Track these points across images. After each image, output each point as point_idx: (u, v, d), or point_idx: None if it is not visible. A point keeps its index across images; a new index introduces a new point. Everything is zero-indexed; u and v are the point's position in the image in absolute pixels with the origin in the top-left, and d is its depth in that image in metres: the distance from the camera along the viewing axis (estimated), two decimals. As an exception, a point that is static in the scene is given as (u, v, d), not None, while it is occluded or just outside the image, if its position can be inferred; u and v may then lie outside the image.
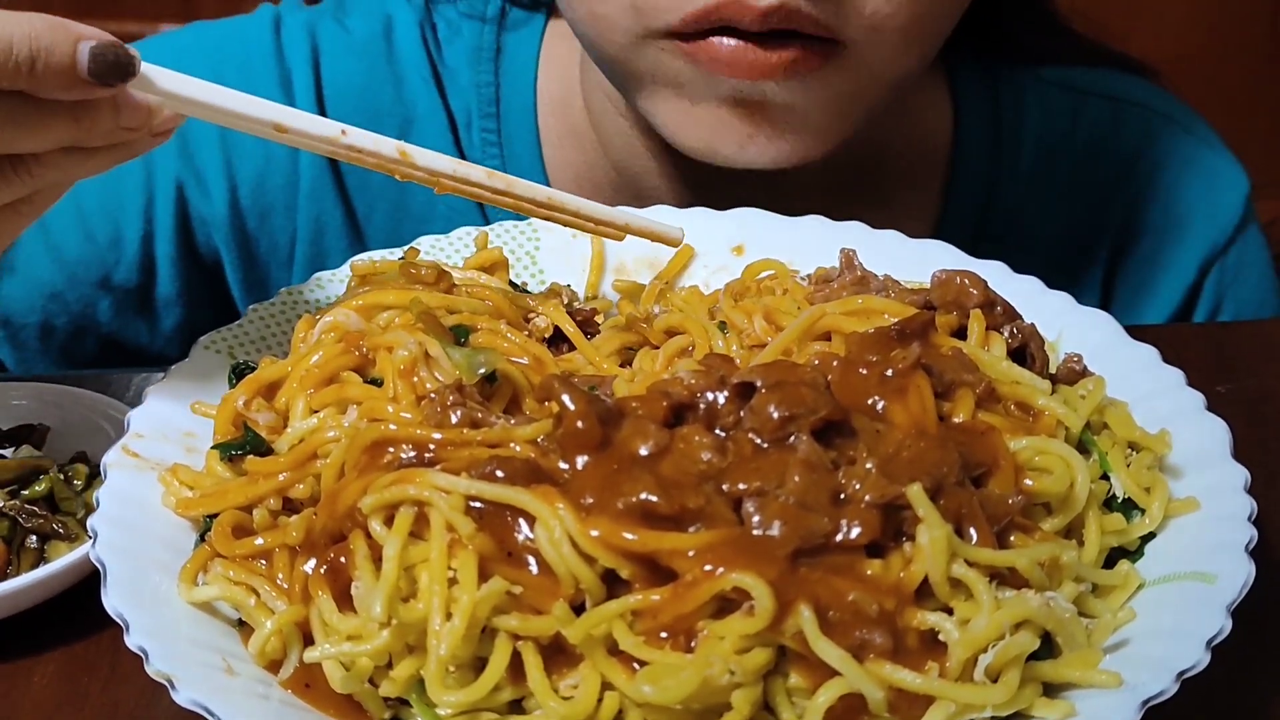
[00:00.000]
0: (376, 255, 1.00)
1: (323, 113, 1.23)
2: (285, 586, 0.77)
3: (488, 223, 1.08)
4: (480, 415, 0.78)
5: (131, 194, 1.22)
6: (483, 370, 0.83)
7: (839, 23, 0.99)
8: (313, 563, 0.75)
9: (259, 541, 0.78)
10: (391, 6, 1.28)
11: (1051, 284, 0.98)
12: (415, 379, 0.83)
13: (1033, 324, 0.89)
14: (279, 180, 1.25)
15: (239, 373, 0.91)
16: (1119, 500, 0.82)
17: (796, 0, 0.96)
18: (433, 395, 0.80)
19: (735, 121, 1.03)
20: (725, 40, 0.99)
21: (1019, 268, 0.99)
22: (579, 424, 0.74)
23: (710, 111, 1.03)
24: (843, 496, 0.72)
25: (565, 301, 0.98)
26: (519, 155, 1.26)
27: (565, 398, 0.75)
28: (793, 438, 0.74)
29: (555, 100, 1.26)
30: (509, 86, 1.26)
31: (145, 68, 0.78)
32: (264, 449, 0.84)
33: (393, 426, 0.78)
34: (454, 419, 0.78)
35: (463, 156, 1.25)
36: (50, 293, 1.23)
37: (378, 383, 0.84)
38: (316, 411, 0.84)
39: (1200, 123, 1.34)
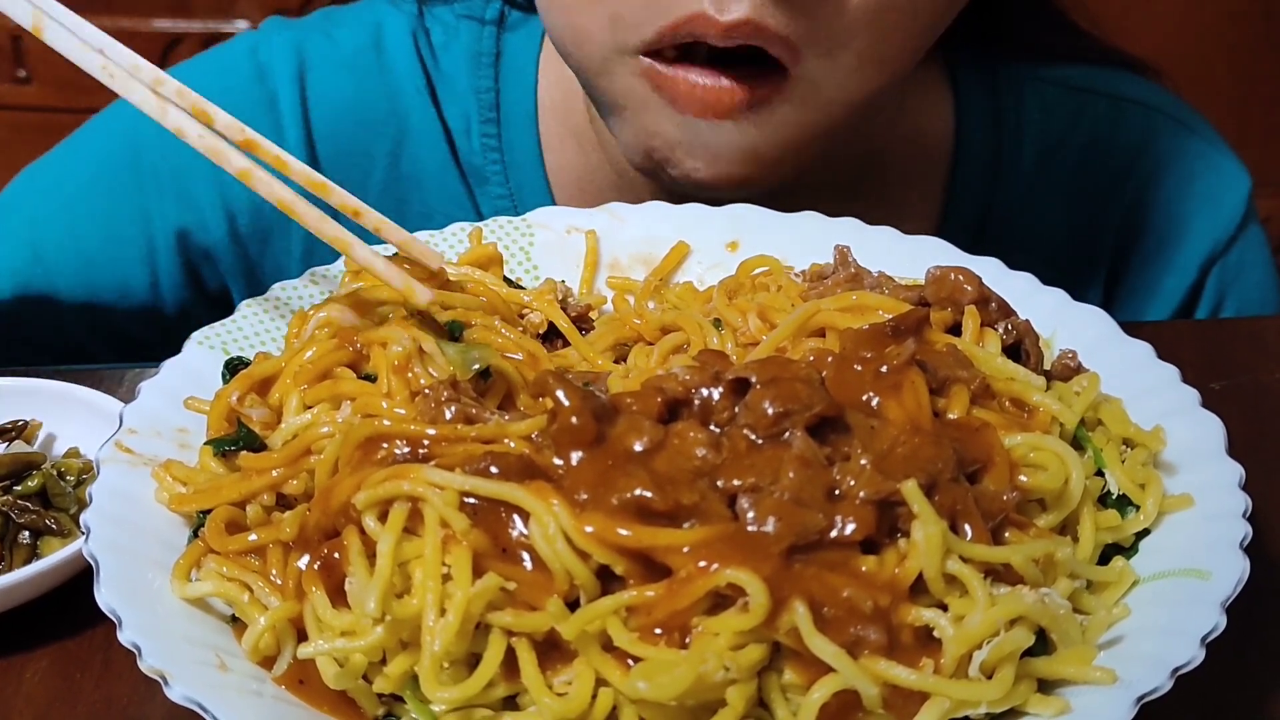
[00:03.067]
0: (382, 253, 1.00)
1: (309, 131, 1.23)
2: (279, 582, 0.76)
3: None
4: (474, 411, 0.78)
5: (133, 241, 1.23)
6: (477, 366, 0.83)
7: (811, 38, 0.99)
8: (306, 558, 0.75)
9: (253, 537, 0.78)
10: (382, 16, 1.27)
11: (1053, 283, 0.98)
12: (410, 374, 0.83)
13: (1027, 320, 0.89)
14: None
15: (232, 368, 0.90)
16: (1113, 497, 0.82)
17: (763, 15, 0.96)
18: (427, 391, 0.80)
19: (686, 149, 1.05)
20: (687, 74, 1.00)
21: (1020, 267, 0.99)
22: (573, 420, 0.73)
23: (665, 136, 1.04)
24: (837, 493, 0.72)
25: (559, 298, 0.98)
26: (520, 160, 1.25)
27: (560, 393, 0.74)
28: (787, 434, 0.74)
29: (556, 103, 1.26)
30: (509, 91, 1.26)
31: None
32: (257, 445, 0.84)
33: (386, 422, 0.78)
34: (448, 415, 0.77)
35: (459, 165, 1.25)
36: (66, 346, 1.24)
37: (372, 378, 0.84)
38: (310, 407, 0.84)
39: (1202, 121, 1.34)
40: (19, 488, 0.90)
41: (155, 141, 1.22)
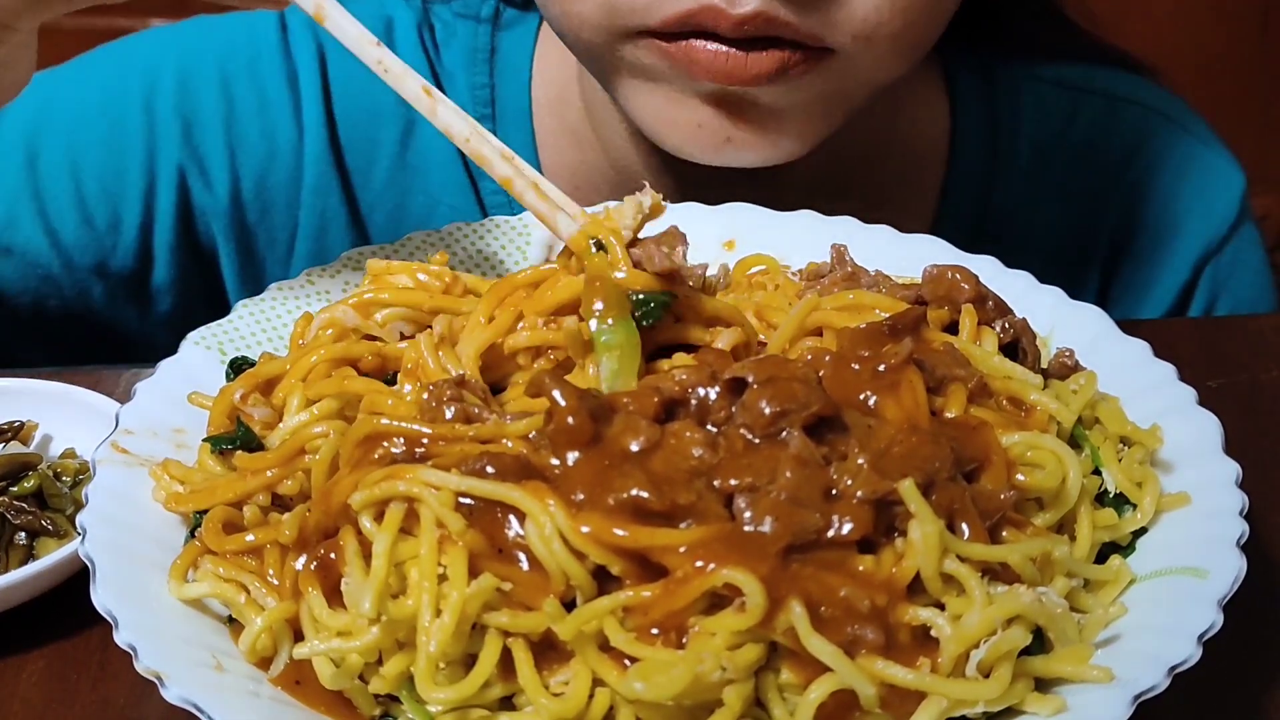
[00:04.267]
0: (380, 252, 1.00)
1: (329, 113, 1.25)
2: (276, 583, 0.76)
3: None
4: (475, 411, 0.78)
5: (133, 179, 1.22)
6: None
7: (826, 31, 0.98)
8: (303, 559, 0.75)
9: (250, 538, 0.78)
10: (391, 9, 1.28)
11: (1048, 282, 0.98)
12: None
13: (1024, 319, 0.89)
14: (282, 176, 1.25)
15: (237, 368, 0.90)
16: (1110, 495, 0.82)
17: (776, 8, 0.95)
18: (431, 387, 0.79)
19: (714, 121, 1.02)
20: (704, 44, 0.98)
21: (1015, 265, 0.99)
22: (569, 420, 0.73)
23: (690, 110, 1.02)
24: (834, 492, 0.72)
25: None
26: None
27: (556, 393, 0.74)
28: (784, 433, 0.74)
29: (551, 100, 1.26)
30: (504, 88, 1.26)
31: None
32: (254, 444, 0.84)
33: (386, 420, 0.77)
34: (448, 414, 0.77)
35: (464, 157, 1.25)
36: (45, 275, 1.23)
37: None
38: (313, 403, 0.84)
39: (1197, 120, 1.34)
40: (15, 489, 0.90)
41: (172, 87, 1.23)
